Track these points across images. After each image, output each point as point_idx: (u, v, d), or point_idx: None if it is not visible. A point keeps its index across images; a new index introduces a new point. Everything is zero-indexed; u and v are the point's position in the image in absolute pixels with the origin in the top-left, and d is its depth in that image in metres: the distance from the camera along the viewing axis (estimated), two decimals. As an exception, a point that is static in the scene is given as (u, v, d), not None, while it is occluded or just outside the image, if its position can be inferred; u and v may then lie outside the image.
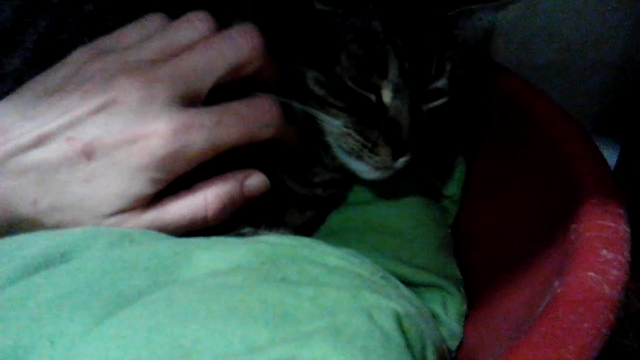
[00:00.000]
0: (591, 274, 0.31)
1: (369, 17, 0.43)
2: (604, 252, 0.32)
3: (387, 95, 0.43)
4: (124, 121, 0.35)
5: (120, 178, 0.35)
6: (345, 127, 0.43)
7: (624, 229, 0.35)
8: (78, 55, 0.39)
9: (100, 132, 0.35)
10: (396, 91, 0.42)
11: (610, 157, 0.78)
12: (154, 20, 0.41)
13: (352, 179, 0.49)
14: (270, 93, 0.41)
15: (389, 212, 0.50)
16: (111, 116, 0.35)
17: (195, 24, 0.39)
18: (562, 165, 0.44)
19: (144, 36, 0.39)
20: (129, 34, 0.40)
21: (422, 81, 0.44)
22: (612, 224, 0.35)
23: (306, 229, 0.50)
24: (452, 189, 0.54)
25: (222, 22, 0.47)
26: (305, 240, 0.35)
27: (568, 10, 0.72)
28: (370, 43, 0.42)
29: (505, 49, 0.74)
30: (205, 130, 0.36)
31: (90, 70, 0.37)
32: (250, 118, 0.38)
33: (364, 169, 0.45)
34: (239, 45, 0.38)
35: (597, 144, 0.45)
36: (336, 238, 0.49)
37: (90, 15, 0.47)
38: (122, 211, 0.36)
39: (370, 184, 0.51)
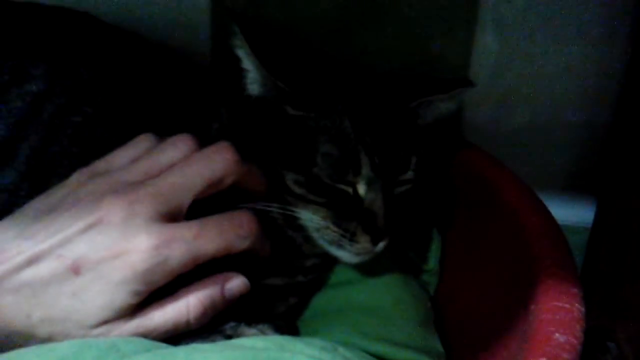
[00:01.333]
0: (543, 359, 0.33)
1: (339, 117, 0.47)
2: (557, 335, 0.34)
3: (361, 189, 0.46)
4: (109, 238, 0.37)
5: (104, 291, 0.37)
6: (324, 221, 0.46)
7: (578, 309, 0.37)
8: (75, 177, 0.43)
9: (87, 249, 0.38)
10: (369, 184, 0.46)
11: (587, 211, 0.80)
12: (143, 142, 0.44)
13: (333, 261, 0.52)
14: (257, 200, 0.45)
15: (369, 291, 0.52)
16: (97, 234, 0.38)
17: (178, 146, 0.43)
18: (522, 241, 0.46)
19: (134, 157, 0.43)
20: (121, 156, 0.44)
21: (392, 172, 0.47)
22: (567, 305, 0.37)
23: (291, 315, 0.52)
24: (431, 262, 0.57)
25: (204, 128, 0.50)
26: (280, 341, 0.37)
27: (537, 74, 0.75)
28: (342, 143, 0.46)
29: (475, 117, 0.76)
30: (185, 244, 0.38)
31: (83, 191, 0.41)
32: (228, 231, 0.40)
33: (346, 256, 0.48)
34: (213, 162, 0.41)
35: (575, 199, 0.47)
36: (319, 321, 0.51)
37: (80, 127, 0.50)
38: (107, 321, 0.38)
39: (347, 266, 0.53)
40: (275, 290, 0.50)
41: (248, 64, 0.48)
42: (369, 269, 0.53)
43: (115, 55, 0.56)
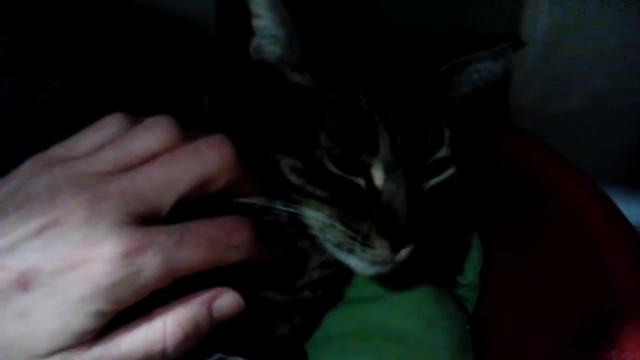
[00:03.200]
0: None
1: (353, 89, 0.38)
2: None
3: (378, 177, 0.38)
4: (66, 245, 0.31)
5: (59, 312, 0.31)
6: (329, 218, 0.38)
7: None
8: (27, 167, 0.36)
9: (38, 258, 0.31)
10: (389, 171, 0.38)
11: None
12: (111, 123, 0.37)
13: (347, 273, 0.43)
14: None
15: (392, 312, 0.44)
16: (51, 239, 0.32)
17: (155, 132, 0.35)
18: (588, 250, 0.37)
19: (100, 143, 0.36)
20: (84, 140, 0.36)
21: (419, 156, 0.38)
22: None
23: (296, 338, 0.44)
24: (469, 276, 0.48)
25: (191, 101, 0.42)
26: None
27: (591, 55, 0.67)
28: (355, 117, 0.37)
29: (523, 98, 0.69)
30: (162, 253, 0.32)
31: (36, 184, 0.34)
32: (216, 240, 0.34)
33: (358, 264, 0.39)
34: (206, 159, 0.34)
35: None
36: (332, 346, 0.44)
37: (44, 105, 0.43)
38: (62, 349, 0.32)
39: (368, 278, 0.44)
40: (276, 308, 0.42)
41: (268, 17, 0.39)
42: (393, 282, 0.44)
43: (94, 21, 0.50)
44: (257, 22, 0.40)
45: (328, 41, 0.40)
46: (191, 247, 0.33)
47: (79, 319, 0.31)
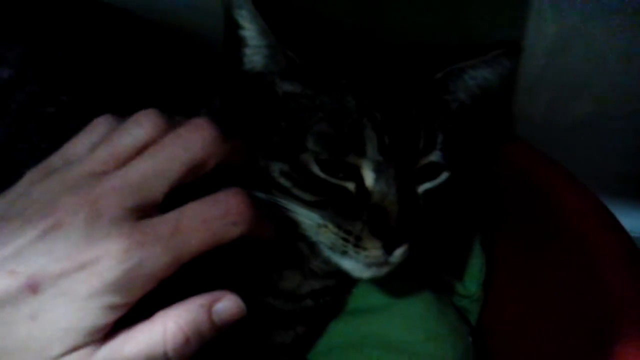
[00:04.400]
0: None
1: (341, 92, 0.38)
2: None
3: (369, 178, 0.37)
4: (70, 245, 0.32)
5: (69, 310, 0.32)
6: (322, 218, 0.38)
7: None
8: (27, 178, 0.36)
9: (44, 261, 0.32)
10: (378, 171, 0.37)
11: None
12: (101, 125, 0.37)
13: (348, 283, 0.43)
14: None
15: (394, 323, 0.43)
16: (56, 241, 0.32)
17: (142, 124, 0.35)
18: (591, 268, 0.37)
19: (92, 145, 0.36)
20: (76, 145, 0.37)
21: (410, 157, 0.38)
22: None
23: (298, 347, 0.44)
24: (472, 287, 0.48)
25: (191, 114, 0.43)
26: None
27: (595, 63, 0.66)
28: (341, 119, 0.37)
29: (528, 107, 0.67)
30: (161, 242, 0.32)
31: (36, 192, 0.35)
32: (213, 220, 0.33)
33: (354, 267, 0.38)
34: (190, 143, 0.34)
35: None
36: (334, 356, 0.43)
37: (52, 119, 0.44)
38: (75, 349, 0.32)
39: (371, 287, 0.45)
40: (279, 315, 0.42)
41: (250, 28, 0.40)
42: (395, 292, 0.45)
43: (101, 36, 0.50)
44: (242, 33, 0.40)
45: (314, 48, 0.40)
46: (188, 231, 0.33)
47: (90, 314, 0.31)
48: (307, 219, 0.38)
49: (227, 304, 0.35)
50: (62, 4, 0.52)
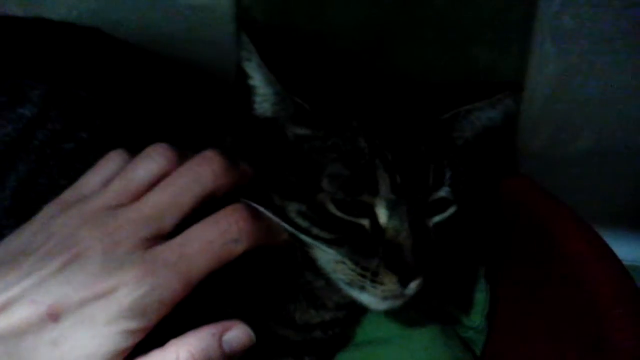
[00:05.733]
0: None
1: (352, 133, 0.40)
2: None
3: (382, 215, 0.39)
4: (89, 275, 0.34)
5: (89, 336, 0.33)
6: (339, 255, 0.39)
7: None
8: (44, 212, 0.38)
9: (64, 291, 0.34)
10: (391, 209, 0.39)
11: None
12: (113, 159, 0.39)
13: (359, 313, 0.44)
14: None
15: (401, 354, 0.44)
16: (75, 272, 0.34)
17: (154, 158, 0.37)
18: (592, 313, 0.38)
19: (106, 179, 0.38)
20: (90, 180, 0.39)
21: (421, 194, 0.40)
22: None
23: None
24: (476, 318, 0.48)
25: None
26: None
27: (598, 98, 0.66)
28: (355, 160, 0.39)
29: (531, 142, 0.68)
30: (169, 268, 0.34)
31: (54, 226, 0.36)
32: (215, 239, 0.35)
33: (371, 300, 0.40)
34: (201, 175, 0.36)
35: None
36: None
37: (71, 155, 0.45)
38: None
39: (379, 318, 0.46)
40: (288, 345, 0.43)
41: (258, 78, 0.42)
42: (401, 324, 0.46)
43: (119, 73, 0.52)
44: (251, 82, 0.42)
45: (321, 92, 0.42)
46: (193, 254, 0.34)
47: (109, 340, 0.33)
48: (324, 255, 0.40)
49: (237, 333, 0.36)
50: (83, 43, 0.54)
